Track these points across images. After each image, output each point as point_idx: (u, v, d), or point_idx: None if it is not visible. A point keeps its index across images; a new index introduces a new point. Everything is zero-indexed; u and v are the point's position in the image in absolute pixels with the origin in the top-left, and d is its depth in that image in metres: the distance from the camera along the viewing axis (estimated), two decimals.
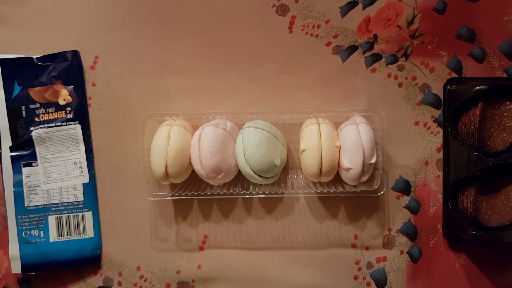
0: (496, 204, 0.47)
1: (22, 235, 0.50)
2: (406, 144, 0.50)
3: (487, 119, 0.46)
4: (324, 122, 0.45)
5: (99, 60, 0.50)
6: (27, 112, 0.49)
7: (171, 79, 0.50)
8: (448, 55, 0.50)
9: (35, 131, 0.49)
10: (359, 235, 0.50)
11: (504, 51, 0.50)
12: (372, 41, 0.50)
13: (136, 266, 0.51)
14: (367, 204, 0.50)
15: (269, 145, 0.44)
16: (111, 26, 0.50)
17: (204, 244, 0.51)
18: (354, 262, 0.50)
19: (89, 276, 0.50)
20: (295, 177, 0.50)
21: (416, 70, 0.50)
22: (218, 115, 0.48)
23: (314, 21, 0.49)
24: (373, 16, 0.49)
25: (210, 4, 0.49)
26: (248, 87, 0.50)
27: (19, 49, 0.50)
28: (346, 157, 0.44)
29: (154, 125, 0.47)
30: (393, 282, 0.51)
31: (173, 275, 0.51)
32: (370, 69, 0.50)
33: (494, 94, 0.46)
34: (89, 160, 0.50)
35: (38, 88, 0.49)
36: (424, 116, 0.50)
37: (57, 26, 0.50)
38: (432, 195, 0.50)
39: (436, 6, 0.49)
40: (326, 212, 0.50)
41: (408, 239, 0.50)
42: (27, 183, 0.50)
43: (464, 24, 0.49)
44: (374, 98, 0.50)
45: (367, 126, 0.45)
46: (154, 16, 0.49)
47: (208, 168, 0.44)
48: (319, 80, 0.50)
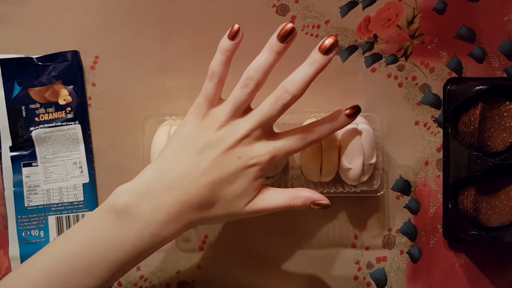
0: (496, 204, 0.47)
1: (22, 235, 0.50)
2: (406, 144, 0.50)
3: (487, 119, 0.46)
4: None
5: (99, 60, 0.50)
6: (27, 112, 0.49)
7: (171, 79, 0.50)
8: (448, 55, 0.50)
9: (35, 131, 0.49)
10: (359, 235, 0.50)
11: (504, 51, 0.50)
12: (372, 41, 0.50)
13: (136, 266, 0.51)
14: (367, 204, 0.50)
15: None
16: (111, 26, 0.50)
17: (204, 244, 0.51)
18: (354, 262, 0.50)
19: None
20: (295, 177, 0.50)
21: (416, 70, 0.50)
22: None
23: (314, 21, 0.49)
24: (373, 16, 0.49)
25: (210, 4, 0.49)
26: None
27: (19, 49, 0.50)
28: (346, 157, 0.44)
29: (154, 125, 0.47)
30: (393, 282, 0.51)
31: (173, 275, 0.51)
32: (370, 69, 0.50)
33: (494, 94, 0.46)
34: (89, 160, 0.50)
35: (38, 88, 0.49)
36: (424, 116, 0.50)
37: (57, 26, 0.50)
38: (432, 195, 0.50)
39: (436, 6, 0.49)
40: (326, 212, 0.50)
41: (408, 239, 0.50)
42: (27, 183, 0.50)
43: (464, 24, 0.49)
44: (374, 98, 0.50)
45: (367, 126, 0.45)
46: (154, 16, 0.49)
47: None
48: (319, 80, 0.50)
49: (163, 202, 0.36)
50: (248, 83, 0.38)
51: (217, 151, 0.37)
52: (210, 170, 0.37)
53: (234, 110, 0.38)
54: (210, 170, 0.37)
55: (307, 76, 0.37)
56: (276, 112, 0.38)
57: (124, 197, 0.36)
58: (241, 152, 0.37)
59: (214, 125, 0.38)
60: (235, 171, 0.37)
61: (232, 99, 0.38)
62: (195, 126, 0.39)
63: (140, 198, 0.36)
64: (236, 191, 0.38)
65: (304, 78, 0.37)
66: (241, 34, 0.38)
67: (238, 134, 0.37)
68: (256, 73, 0.38)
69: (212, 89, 0.39)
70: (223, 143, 0.37)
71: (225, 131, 0.38)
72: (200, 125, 0.38)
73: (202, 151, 0.37)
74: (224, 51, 0.38)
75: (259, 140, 0.38)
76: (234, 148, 0.37)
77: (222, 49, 0.38)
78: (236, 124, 0.38)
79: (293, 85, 0.37)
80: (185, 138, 0.38)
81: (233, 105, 0.38)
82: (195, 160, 0.37)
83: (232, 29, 0.38)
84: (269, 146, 0.38)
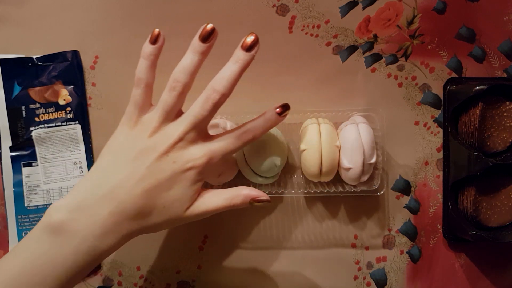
0: (496, 204, 0.47)
1: (22, 235, 0.50)
2: (406, 144, 0.50)
3: (487, 119, 0.46)
4: (324, 122, 0.45)
5: (99, 60, 0.50)
6: (27, 112, 0.49)
7: None
8: (448, 55, 0.50)
9: (35, 131, 0.49)
10: (359, 235, 0.50)
11: (504, 51, 0.50)
12: (372, 41, 0.50)
13: (136, 266, 0.51)
14: (367, 204, 0.50)
15: (269, 145, 0.44)
16: (111, 26, 0.50)
17: (204, 244, 0.51)
18: (354, 262, 0.50)
19: (89, 276, 0.50)
20: (295, 177, 0.50)
21: (416, 70, 0.50)
22: (218, 115, 0.47)
23: (314, 21, 0.49)
24: (373, 16, 0.49)
25: (210, 4, 0.49)
26: (248, 87, 0.50)
27: (19, 49, 0.50)
28: (346, 157, 0.44)
29: None
30: (393, 282, 0.51)
31: (173, 275, 0.51)
32: (370, 69, 0.50)
33: (494, 94, 0.46)
34: (89, 160, 0.50)
35: (38, 88, 0.49)
36: (424, 116, 0.50)
37: (57, 26, 0.50)
38: (432, 195, 0.50)
39: (436, 6, 0.49)
40: (326, 212, 0.50)
41: (408, 239, 0.50)
42: (27, 183, 0.50)
43: (464, 24, 0.49)
44: (374, 98, 0.50)
45: (367, 126, 0.45)
46: (154, 16, 0.49)
47: None
48: (319, 80, 0.50)
49: (98, 214, 0.36)
50: (175, 85, 0.37)
51: (151, 158, 0.37)
52: (145, 178, 0.36)
53: (164, 114, 0.38)
54: (145, 178, 0.36)
55: (233, 74, 0.37)
56: (207, 112, 0.37)
57: (58, 214, 0.35)
58: (175, 157, 0.37)
59: (146, 132, 0.37)
60: (171, 176, 0.37)
61: (161, 104, 0.38)
62: (127, 135, 0.38)
63: (75, 213, 0.35)
64: (174, 197, 0.37)
65: (231, 76, 0.37)
66: (162, 38, 0.39)
67: (171, 139, 0.37)
68: (182, 75, 0.37)
69: (140, 95, 0.38)
70: (156, 150, 0.37)
71: (158, 137, 0.37)
72: (132, 134, 0.38)
73: (135, 160, 0.37)
74: (147, 56, 0.38)
75: (194, 143, 0.38)
76: (169, 153, 0.37)
77: (145, 54, 0.38)
78: (168, 129, 0.38)
79: (221, 83, 0.37)
80: (118, 148, 0.38)
81: (163, 110, 0.38)
82: (129, 169, 0.37)
83: (152, 33, 0.39)
84: (204, 149, 0.38)
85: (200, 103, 0.38)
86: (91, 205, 0.36)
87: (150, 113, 0.39)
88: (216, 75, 0.38)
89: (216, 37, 0.38)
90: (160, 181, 0.37)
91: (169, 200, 0.37)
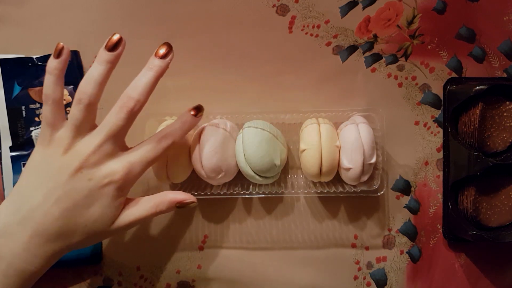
0: (496, 204, 0.47)
1: None
2: (406, 144, 0.50)
3: (487, 119, 0.46)
4: (324, 122, 0.45)
5: None
6: (27, 112, 0.49)
7: (171, 79, 0.50)
8: (448, 55, 0.50)
9: (35, 131, 0.49)
10: (359, 235, 0.50)
11: (504, 51, 0.50)
12: (372, 41, 0.50)
13: (136, 266, 0.51)
14: (367, 204, 0.50)
15: (269, 145, 0.44)
16: (111, 26, 0.50)
17: (204, 244, 0.51)
18: (354, 262, 0.50)
19: (89, 276, 0.50)
20: (295, 177, 0.50)
21: (416, 70, 0.50)
22: (218, 115, 0.48)
23: (314, 21, 0.49)
24: (373, 16, 0.49)
25: (210, 4, 0.49)
26: (248, 87, 0.50)
27: (19, 49, 0.50)
28: (346, 157, 0.44)
29: (154, 125, 0.47)
30: (393, 282, 0.51)
31: (173, 275, 0.51)
32: (370, 69, 0.50)
33: (494, 94, 0.46)
34: None
35: (38, 88, 0.49)
36: (424, 116, 0.50)
37: (57, 26, 0.50)
38: (432, 195, 0.50)
39: (436, 6, 0.49)
40: (326, 212, 0.50)
41: (408, 239, 0.50)
42: None
43: (464, 24, 0.49)
44: (374, 98, 0.50)
45: (367, 126, 0.45)
46: (154, 16, 0.49)
47: (208, 168, 0.44)
48: (319, 80, 0.50)
49: (20, 238, 0.35)
50: (81, 97, 0.36)
51: (65, 177, 0.36)
52: (61, 198, 0.35)
53: (75, 129, 0.37)
54: (61, 199, 0.35)
55: (148, 80, 0.37)
56: (123, 121, 0.36)
57: None
58: (91, 173, 0.36)
59: (60, 150, 0.36)
60: (88, 194, 0.36)
61: (71, 119, 0.37)
62: (42, 154, 0.37)
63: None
64: (95, 215, 0.36)
65: (146, 83, 0.37)
66: (66, 52, 0.37)
67: (84, 154, 0.36)
68: (88, 86, 0.37)
69: (49, 112, 0.37)
70: (69, 167, 0.36)
71: (71, 154, 0.36)
72: (47, 153, 0.37)
73: (51, 180, 0.36)
74: (52, 71, 0.37)
75: (111, 156, 0.37)
76: (83, 170, 0.36)
77: (50, 68, 0.37)
78: (81, 144, 0.37)
79: (136, 90, 0.37)
80: (34, 168, 0.37)
81: (73, 125, 0.37)
82: (45, 190, 0.36)
83: (56, 47, 0.37)
84: (123, 161, 0.37)
85: (115, 112, 0.37)
86: (13, 229, 0.35)
87: (61, 130, 0.37)
88: (131, 83, 0.37)
89: (124, 46, 0.38)
90: (77, 200, 0.36)
91: (90, 219, 0.36)
